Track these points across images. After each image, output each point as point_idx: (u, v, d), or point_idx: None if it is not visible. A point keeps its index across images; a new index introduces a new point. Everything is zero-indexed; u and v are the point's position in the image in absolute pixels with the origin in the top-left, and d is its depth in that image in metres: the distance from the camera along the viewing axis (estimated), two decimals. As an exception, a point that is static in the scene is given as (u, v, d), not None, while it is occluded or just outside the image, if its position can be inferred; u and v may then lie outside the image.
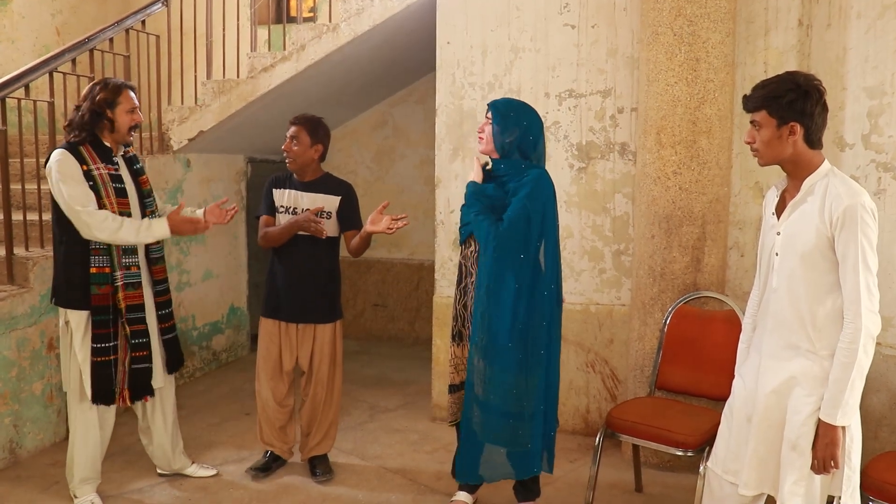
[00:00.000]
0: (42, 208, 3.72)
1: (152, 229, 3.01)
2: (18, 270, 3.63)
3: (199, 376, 5.02)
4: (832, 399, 2.01)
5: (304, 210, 3.30)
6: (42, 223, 3.75)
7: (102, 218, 2.89)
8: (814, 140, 2.08)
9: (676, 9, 3.34)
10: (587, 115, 3.86)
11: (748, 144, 2.16)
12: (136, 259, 3.04)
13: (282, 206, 3.36)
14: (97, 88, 2.99)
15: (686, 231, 3.43)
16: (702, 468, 2.71)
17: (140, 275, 3.05)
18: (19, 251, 3.70)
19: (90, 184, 2.91)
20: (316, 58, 4.40)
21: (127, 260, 3.00)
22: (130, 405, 3.11)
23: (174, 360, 3.25)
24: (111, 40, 4.25)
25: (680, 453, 2.83)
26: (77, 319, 2.96)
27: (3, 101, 3.57)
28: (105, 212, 2.91)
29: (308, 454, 3.49)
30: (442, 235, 4.14)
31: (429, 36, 4.27)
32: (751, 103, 2.11)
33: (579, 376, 3.99)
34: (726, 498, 2.26)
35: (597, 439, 3.00)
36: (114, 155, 3.03)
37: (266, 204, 3.40)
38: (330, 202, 3.34)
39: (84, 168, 2.91)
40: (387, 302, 6.11)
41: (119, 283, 2.97)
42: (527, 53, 3.92)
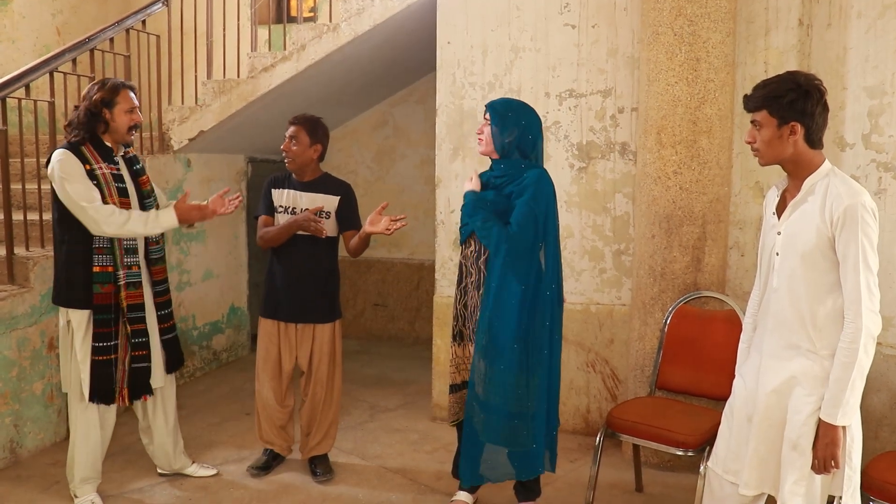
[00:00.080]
0: (42, 208, 3.72)
1: (160, 219, 3.02)
2: (19, 270, 3.63)
3: (200, 376, 5.02)
4: (833, 399, 2.01)
5: (303, 210, 3.30)
6: (42, 223, 3.75)
7: (109, 212, 2.89)
8: (814, 140, 2.08)
9: (677, 9, 3.34)
10: (587, 115, 3.86)
11: (749, 144, 2.16)
12: (137, 259, 3.05)
13: (281, 206, 3.36)
14: (95, 88, 3.00)
15: (686, 231, 3.43)
16: (702, 468, 2.71)
17: (140, 274, 3.06)
18: (20, 251, 3.70)
19: (93, 182, 2.91)
20: (316, 58, 4.40)
21: (129, 259, 3.01)
22: (129, 405, 3.11)
23: (174, 360, 3.25)
24: (111, 40, 4.25)
25: (680, 453, 2.83)
26: (79, 319, 2.97)
27: (4, 101, 3.57)
28: (111, 206, 2.91)
29: (308, 454, 3.49)
30: (442, 235, 4.14)
31: (429, 36, 4.26)
32: (751, 103, 2.11)
33: (580, 376, 3.99)
34: (727, 498, 2.26)
35: (597, 439, 3.00)
36: (114, 155, 3.03)
37: (265, 204, 3.40)
38: (329, 202, 3.34)
39: (87, 167, 2.91)
40: (387, 302, 6.11)
41: (122, 283, 2.98)
42: (527, 53, 3.92)
